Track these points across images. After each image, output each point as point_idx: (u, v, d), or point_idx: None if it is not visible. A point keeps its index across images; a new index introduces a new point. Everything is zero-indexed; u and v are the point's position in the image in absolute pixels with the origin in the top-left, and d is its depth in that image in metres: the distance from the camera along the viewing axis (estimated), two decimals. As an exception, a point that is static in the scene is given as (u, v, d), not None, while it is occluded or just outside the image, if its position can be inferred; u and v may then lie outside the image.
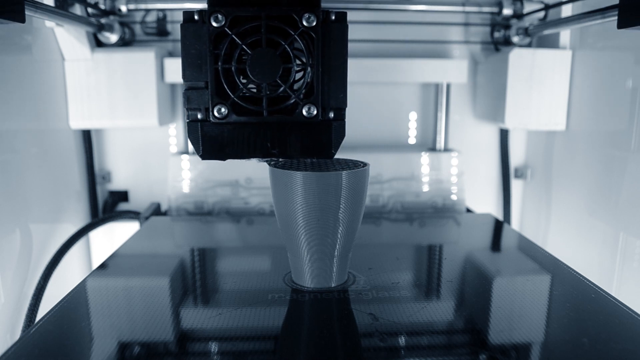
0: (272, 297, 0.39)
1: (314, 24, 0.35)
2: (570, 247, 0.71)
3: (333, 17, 0.36)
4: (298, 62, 0.36)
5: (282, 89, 0.36)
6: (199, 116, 0.37)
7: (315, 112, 0.37)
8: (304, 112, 0.37)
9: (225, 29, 0.35)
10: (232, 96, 0.36)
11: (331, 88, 0.37)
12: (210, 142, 0.38)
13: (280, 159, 0.39)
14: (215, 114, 0.36)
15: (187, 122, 0.37)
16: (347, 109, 0.38)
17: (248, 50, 0.35)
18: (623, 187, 0.59)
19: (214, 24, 0.35)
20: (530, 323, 0.35)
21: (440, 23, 0.79)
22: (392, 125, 0.82)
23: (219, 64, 0.36)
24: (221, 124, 0.37)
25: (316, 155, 0.39)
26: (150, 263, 0.49)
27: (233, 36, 0.35)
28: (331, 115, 0.38)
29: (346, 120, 0.38)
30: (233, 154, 0.38)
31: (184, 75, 0.36)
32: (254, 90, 0.37)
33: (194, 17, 0.36)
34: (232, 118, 0.37)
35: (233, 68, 0.36)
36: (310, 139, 0.38)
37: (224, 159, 0.38)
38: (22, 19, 0.41)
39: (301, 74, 0.37)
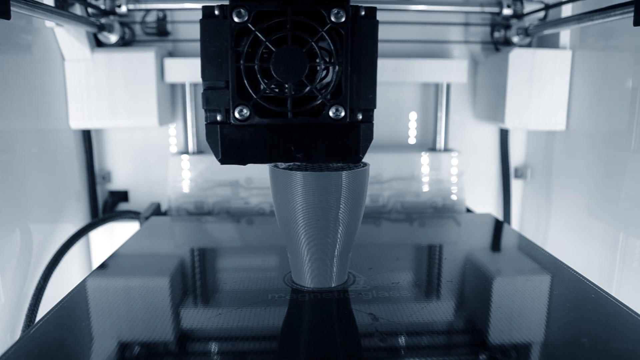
0: (272, 297, 0.39)
1: (343, 19, 0.33)
2: (570, 247, 0.71)
3: (362, 13, 0.34)
4: (325, 60, 0.34)
5: (308, 88, 0.34)
6: (219, 118, 0.34)
7: (343, 114, 0.34)
8: (331, 114, 0.34)
9: (248, 24, 0.33)
10: (255, 96, 0.34)
11: (360, 88, 0.35)
12: (230, 146, 0.35)
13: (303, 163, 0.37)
14: (237, 115, 0.34)
15: (206, 125, 0.35)
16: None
17: (272, 48, 0.33)
18: (623, 187, 0.59)
19: (236, 20, 0.33)
20: (530, 323, 0.35)
21: (441, 23, 0.79)
22: (392, 125, 0.82)
23: (241, 62, 0.33)
24: (242, 126, 0.34)
25: (343, 160, 0.36)
26: (150, 263, 0.49)
27: (256, 32, 0.33)
28: (359, 117, 0.35)
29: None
30: (254, 158, 0.35)
31: (203, 75, 0.34)
32: (278, 91, 0.34)
33: (214, 12, 0.33)
34: (254, 120, 0.34)
35: (256, 67, 0.33)
36: (337, 142, 0.35)
37: (244, 163, 0.35)
38: (7, 16, 0.39)
39: (325, 72, 0.35)
